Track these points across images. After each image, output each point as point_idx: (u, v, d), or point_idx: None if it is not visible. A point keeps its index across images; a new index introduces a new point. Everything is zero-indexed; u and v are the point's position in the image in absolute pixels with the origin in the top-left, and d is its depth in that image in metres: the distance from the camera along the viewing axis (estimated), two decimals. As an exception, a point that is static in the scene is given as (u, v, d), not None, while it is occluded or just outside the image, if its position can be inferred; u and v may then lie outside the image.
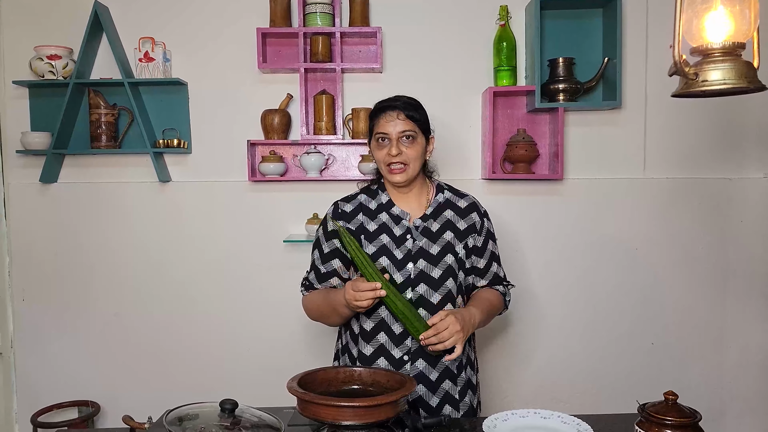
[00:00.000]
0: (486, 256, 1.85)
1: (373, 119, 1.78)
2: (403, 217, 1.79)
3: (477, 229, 1.83)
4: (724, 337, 2.87)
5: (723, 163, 2.83)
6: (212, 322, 2.87)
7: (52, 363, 2.89)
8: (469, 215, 1.84)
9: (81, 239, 2.86)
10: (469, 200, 1.87)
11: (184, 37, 2.80)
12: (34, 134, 2.72)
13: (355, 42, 2.79)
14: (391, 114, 1.74)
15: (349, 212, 1.82)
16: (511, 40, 2.71)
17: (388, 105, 1.76)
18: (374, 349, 1.74)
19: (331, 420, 1.30)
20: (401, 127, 1.73)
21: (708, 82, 1.10)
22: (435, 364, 1.73)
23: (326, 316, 1.82)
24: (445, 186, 1.89)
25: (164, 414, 1.42)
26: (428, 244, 1.76)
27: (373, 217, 1.80)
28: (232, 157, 2.82)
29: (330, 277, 1.83)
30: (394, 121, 1.73)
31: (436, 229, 1.79)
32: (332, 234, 1.81)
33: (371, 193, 1.85)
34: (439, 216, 1.81)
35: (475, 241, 1.82)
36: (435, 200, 1.83)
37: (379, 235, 1.77)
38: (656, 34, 2.76)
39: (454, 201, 1.85)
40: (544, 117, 2.80)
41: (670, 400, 1.40)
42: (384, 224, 1.78)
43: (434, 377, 1.74)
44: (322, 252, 1.83)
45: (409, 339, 1.72)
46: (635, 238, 2.84)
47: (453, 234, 1.79)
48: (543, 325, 2.87)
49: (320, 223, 1.87)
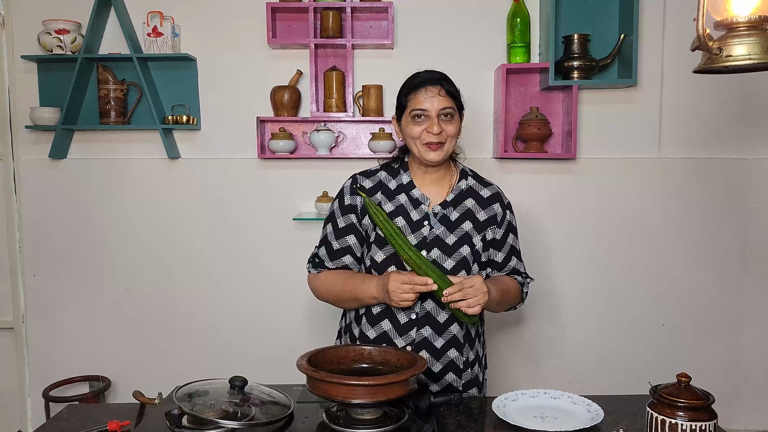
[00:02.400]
0: (505, 250, 1.77)
1: (408, 94, 1.67)
2: (423, 201, 1.70)
3: (498, 221, 1.75)
4: (739, 319, 2.84)
5: (740, 142, 2.78)
6: (222, 298, 2.88)
7: (64, 338, 2.91)
8: (491, 206, 1.75)
9: (91, 215, 2.85)
10: (493, 190, 1.78)
11: (193, 12, 2.76)
12: (43, 109, 2.71)
13: (366, 17, 2.74)
14: (432, 89, 1.64)
15: (368, 188, 1.73)
16: (525, 16, 2.66)
17: (428, 79, 1.66)
18: (377, 335, 1.69)
19: (342, 398, 1.29)
20: (442, 104, 1.63)
21: (732, 57, 1.06)
22: (439, 357, 1.67)
23: (342, 300, 1.74)
24: (469, 172, 1.80)
25: (174, 390, 1.42)
26: (445, 233, 1.68)
27: (392, 198, 1.72)
28: (241, 134, 2.79)
29: (343, 254, 1.74)
30: (435, 97, 1.63)
31: (456, 218, 1.70)
32: (349, 208, 1.73)
33: (392, 171, 1.76)
34: (459, 204, 1.72)
35: (494, 233, 1.75)
36: (457, 186, 1.74)
37: (395, 218, 1.69)
38: (674, 11, 2.70)
39: (477, 189, 1.76)
40: (558, 95, 2.75)
41: (683, 382, 1.38)
42: (402, 206, 1.70)
43: (439, 344, 1.68)
44: (337, 227, 1.74)
45: (413, 330, 1.66)
46: (649, 219, 2.80)
47: (472, 225, 1.71)
48: (554, 306, 2.85)
49: (336, 196, 1.77)
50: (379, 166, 1.80)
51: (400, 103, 1.70)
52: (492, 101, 2.76)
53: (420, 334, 1.66)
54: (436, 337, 1.67)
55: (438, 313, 1.67)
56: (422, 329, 1.67)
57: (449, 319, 1.68)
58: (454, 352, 1.70)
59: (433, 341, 1.67)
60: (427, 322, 1.67)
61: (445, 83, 1.66)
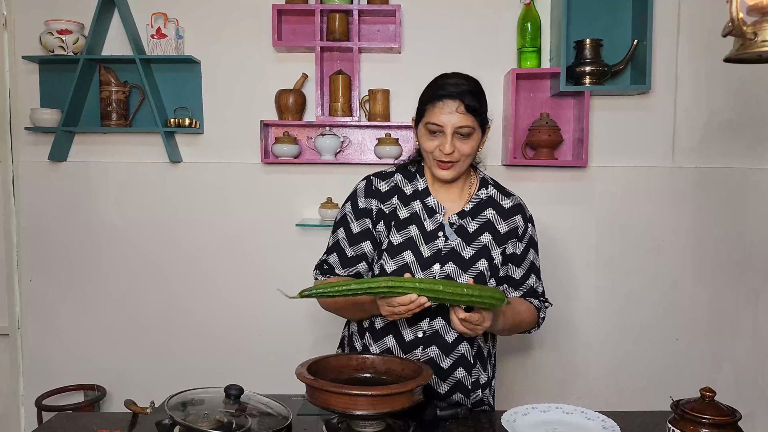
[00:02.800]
0: (524, 267, 1.65)
1: (427, 103, 1.53)
2: (438, 210, 1.59)
3: (519, 234, 1.63)
4: (755, 334, 2.75)
5: (756, 152, 2.70)
6: (222, 306, 2.81)
7: (60, 345, 2.84)
8: (512, 217, 1.63)
9: (90, 219, 2.80)
10: (515, 201, 1.66)
11: (197, 14, 2.72)
12: (44, 111, 2.66)
13: (373, 20, 2.69)
14: (450, 104, 1.49)
15: (384, 192, 1.62)
16: (536, 20, 2.61)
17: (448, 93, 1.50)
18: (380, 351, 1.58)
19: (343, 409, 1.22)
20: (459, 122, 1.49)
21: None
22: (445, 378, 1.57)
23: (348, 311, 1.62)
24: (490, 181, 1.67)
25: (167, 399, 1.35)
26: (461, 246, 1.56)
27: (407, 204, 1.60)
28: (244, 138, 2.74)
29: (358, 261, 1.61)
30: (453, 114, 1.49)
31: (474, 229, 1.58)
32: (364, 212, 1.61)
33: (408, 175, 1.64)
34: (478, 215, 1.60)
35: (514, 247, 1.63)
36: (476, 196, 1.62)
37: (409, 226, 1.57)
38: (688, 16, 2.64)
39: (497, 200, 1.64)
40: (569, 101, 2.69)
41: (707, 397, 1.31)
42: (416, 214, 1.59)
43: (446, 365, 1.58)
44: (351, 232, 1.61)
45: (419, 349, 1.55)
46: (662, 229, 2.72)
47: (491, 237, 1.59)
48: (564, 317, 2.76)
49: (348, 198, 1.65)
50: (395, 168, 1.68)
51: (420, 108, 1.58)
52: (501, 107, 2.70)
53: (426, 353, 1.55)
54: (443, 357, 1.56)
55: (447, 332, 1.56)
56: (428, 348, 1.56)
57: (458, 339, 1.56)
58: (462, 372, 1.59)
59: (440, 361, 1.56)
60: (434, 341, 1.56)
61: (467, 97, 1.50)
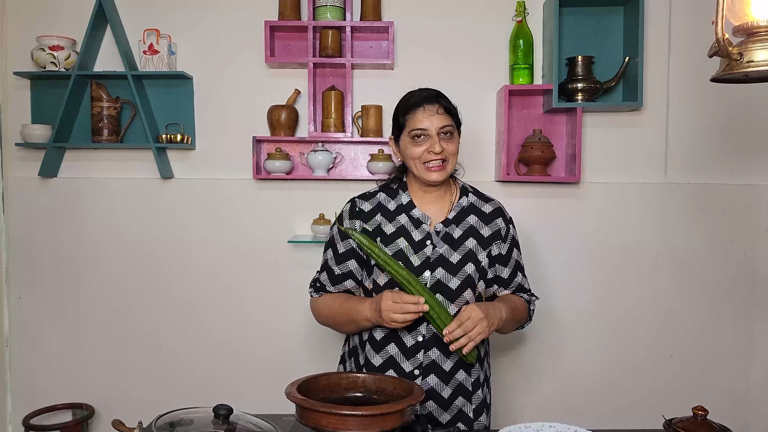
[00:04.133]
0: (510, 265, 1.74)
1: (406, 114, 1.64)
2: (424, 220, 1.67)
3: (502, 235, 1.72)
4: (749, 351, 2.74)
5: (749, 168, 2.71)
6: (213, 323, 2.78)
7: (49, 363, 2.80)
8: (494, 221, 1.72)
9: (80, 236, 2.77)
10: (495, 205, 1.76)
11: (189, 30, 2.72)
12: (35, 127, 2.65)
13: (366, 36, 2.70)
14: (430, 108, 1.61)
15: (367, 211, 1.71)
16: (528, 37, 2.62)
17: (425, 97, 1.63)
18: (383, 361, 1.64)
19: (332, 429, 1.20)
20: (442, 122, 1.61)
21: (754, 63, 0.99)
22: (448, 380, 1.62)
23: (340, 324, 1.71)
24: (469, 189, 1.77)
25: (155, 419, 1.33)
26: (449, 251, 1.64)
27: (392, 219, 1.69)
28: (236, 154, 2.73)
29: (345, 279, 1.71)
30: (434, 116, 1.61)
31: (459, 235, 1.67)
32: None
33: (391, 192, 1.74)
34: (462, 221, 1.69)
35: (499, 248, 1.71)
36: (458, 204, 1.71)
37: (397, 239, 1.65)
38: (680, 33, 2.66)
39: (478, 206, 1.73)
40: (562, 117, 2.69)
41: (699, 415, 1.30)
42: (403, 227, 1.67)
43: (447, 394, 1.63)
44: (337, 252, 1.72)
45: (421, 353, 1.61)
46: (655, 245, 2.72)
47: (476, 241, 1.68)
48: (558, 334, 2.75)
49: (335, 221, 1.74)
50: (378, 188, 1.76)
51: (398, 122, 1.67)
52: (494, 123, 2.70)
53: (428, 356, 1.61)
54: (444, 359, 1.62)
55: None
56: (429, 351, 1.62)
57: (455, 366, 1.64)
58: (462, 374, 1.64)
59: (442, 363, 1.62)
60: (434, 343, 1.62)
61: (443, 100, 1.65)
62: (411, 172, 1.69)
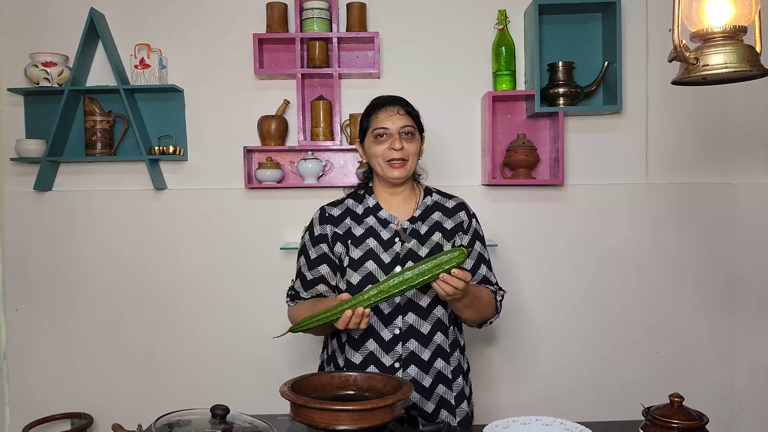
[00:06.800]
0: (473, 257, 1.78)
1: (370, 115, 1.74)
2: (391, 220, 1.75)
3: (464, 228, 1.79)
4: (732, 347, 2.81)
5: (727, 167, 2.79)
6: (208, 330, 2.82)
7: (46, 374, 2.84)
8: (456, 214, 1.80)
9: (76, 248, 2.82)
10: (457, 200, 1.84)
11: (180, 44, 2.78)
12: (29, 141, 2.69)
13: (352, 47, 2.77)
14: (391, 109, 1.71)
15: (337, 216, 1.78)
16: (510, 45, 2.69)
17: (387, 100, 1.75)
18: (363, 357, 1.69)
19: (326, 425, 1.25)
20: (402, 122, 1.70)
21: (709, 67, 1.06)
22: (428, 369, 1.69)
23: (316, 329, 1.70)
24: (433, 189, 1.86)
25: (154, 421, 1.37)
26: (417, 246, 1.72)
27: (360, 222, 1.76)
28: (228, 164, 2.78)
29: (317, 283, 1.76)
30: (395, 116, 1.70)
31: (425, 231, 1.75)
32: (319, 238, 1.77)
33: (358, 197, 1.82)
34: (427, 218, 1.77)
35: (461, 240, 1.78)
36: (423, 203, 1.80)
37: (366, 239, 1.73)
38: (656, 38, 2.74)
39: (441, 203, 1.82)
40: (545, 122, 2.76)
41: (675, 402, 1.36)
42: (371, 228, 1.75)
43: (428, 383, 1.69)
44: (309, 258, 1.77)
45: (399, 345, 1.67)
46: (638, 245, 2.79)
47: (441, 234, 1.75)
48: (544, 333, 2.81)
49: (306, 229, 1.81)
50: (345, 195, 1.85)
51: (363, 125, 1.77)
52: (479, 129, 2.77)
53: (406, 348, 1.68)
54: (422, 349, 1.69)
55: (421, 325, 1.69)
56: (408, 343, 1.68)
57: (432, 329, 1.70)
58: (440, 362, 1.71)
59: (420, 353, 1.69)
60: (411, 335, 1.69)
61: (404, 103, 1.75)
62: (376, 175, 1.78)
